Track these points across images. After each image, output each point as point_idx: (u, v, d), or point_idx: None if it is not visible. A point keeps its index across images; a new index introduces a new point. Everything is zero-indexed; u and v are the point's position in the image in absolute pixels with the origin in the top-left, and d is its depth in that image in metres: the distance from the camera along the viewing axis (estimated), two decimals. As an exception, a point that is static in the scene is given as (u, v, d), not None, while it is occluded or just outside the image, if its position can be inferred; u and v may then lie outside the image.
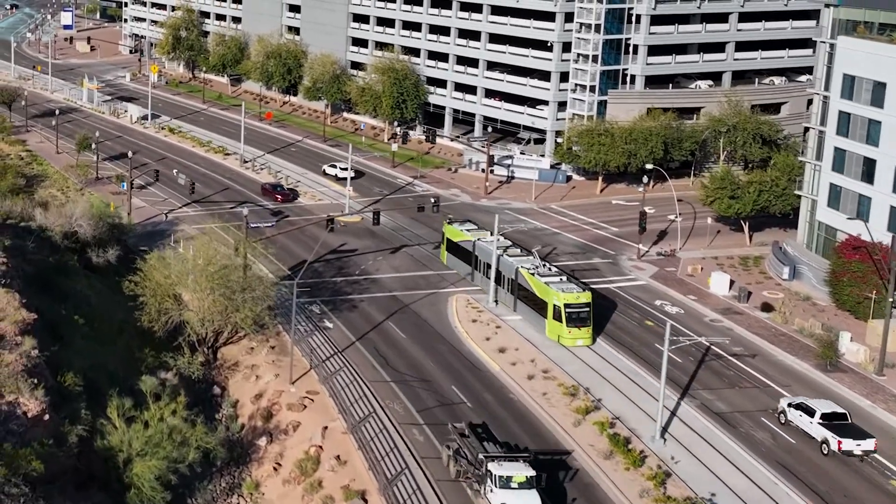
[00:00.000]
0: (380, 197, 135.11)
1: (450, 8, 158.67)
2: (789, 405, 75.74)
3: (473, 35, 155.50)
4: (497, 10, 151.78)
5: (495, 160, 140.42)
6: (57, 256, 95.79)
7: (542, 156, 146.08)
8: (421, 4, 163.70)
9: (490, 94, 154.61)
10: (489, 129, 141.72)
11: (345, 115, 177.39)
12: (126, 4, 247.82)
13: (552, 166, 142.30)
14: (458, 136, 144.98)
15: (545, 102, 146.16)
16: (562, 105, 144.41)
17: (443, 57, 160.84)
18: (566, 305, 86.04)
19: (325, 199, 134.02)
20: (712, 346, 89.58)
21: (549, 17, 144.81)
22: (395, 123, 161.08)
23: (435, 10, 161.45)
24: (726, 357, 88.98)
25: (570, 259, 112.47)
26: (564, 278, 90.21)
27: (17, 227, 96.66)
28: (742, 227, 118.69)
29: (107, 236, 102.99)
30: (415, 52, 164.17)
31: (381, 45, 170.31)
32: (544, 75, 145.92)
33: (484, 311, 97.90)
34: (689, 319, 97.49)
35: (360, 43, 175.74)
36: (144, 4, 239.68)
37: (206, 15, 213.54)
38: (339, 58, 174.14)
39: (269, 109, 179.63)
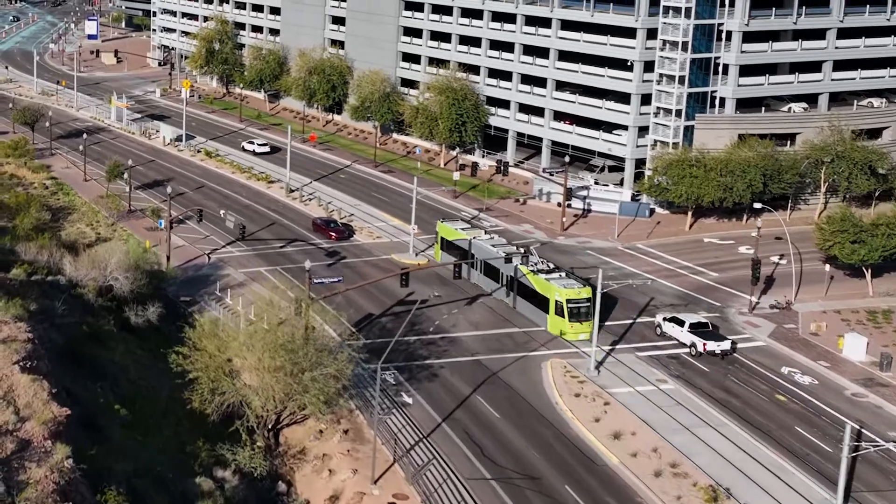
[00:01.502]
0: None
1: (513, 22, 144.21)
2: (663, 319, 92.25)
3: (541, 52, 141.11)
4: (568, 26, 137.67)
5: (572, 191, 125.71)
6: (90, 318, 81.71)
7: (620, 184, 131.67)
8: (480, 18, 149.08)
9: (559, 116, 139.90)
10: (568, 158, 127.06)
11: (394, 136, 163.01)
12: (154, 14, 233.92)
13: (633, 198, 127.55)
14: (544, 169, 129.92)
15: (623, 127, 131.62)
16: (642, 130, 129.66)
17: (505, 75, 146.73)
18: (568, 301, 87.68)
19: (384, 235, 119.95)
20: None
21: (628, 33, 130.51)
22: (457, 149, 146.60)
23: (497, 25, 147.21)
24: (882, 444, 73.98)
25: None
26: (564, 274, 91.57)
27: (44, 283, 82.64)
28: (861, 272, 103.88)
29: (146, 289, 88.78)
30: (473, 69, 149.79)
31: (435, 62, 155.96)
32: (622, 97, 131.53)
33: (586, 382, 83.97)
34: (826, 393, 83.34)
35: (412, 59, 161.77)
36: (174, 14, 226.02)
37: (240, 26, 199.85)
38: (388, 74, 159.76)
39: (313, 130, 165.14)
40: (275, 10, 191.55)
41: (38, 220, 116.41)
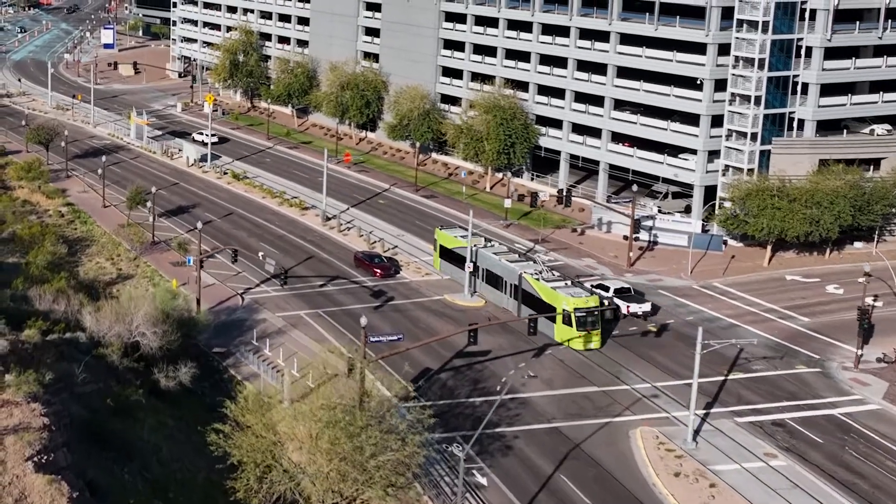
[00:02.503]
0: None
1: (566, 35, 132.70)
2: (592, 286, 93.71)
3: (597, 68, 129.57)
4: (629, 40, 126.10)
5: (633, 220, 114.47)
6: (114, 384, 70.58)
7: (685, 212, 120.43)
8: (529, 31, 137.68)
9: (617, 138, 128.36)
10: (636, 187, 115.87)
11: (434, 156, 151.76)
12: (174, 24, 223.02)
13: (704, 229, 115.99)
14: (610, 198, 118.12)
15: (691, 151, 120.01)
16: (712, 154, 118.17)
17: (557, 93, 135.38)
18: (576, 310, 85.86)
19: (433, 270, 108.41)
20: None
21: (697, 49, 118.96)
22: (503, 172, 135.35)
23: (548, 38, 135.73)
24: None
25: (767, 368, 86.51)
26: (569, 283, 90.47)
27: (62, 342, 71.44)
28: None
29: (176, 345, 77.52)
30: (521, 85, 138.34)
31: (478, 77, 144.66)
32: (690, 118, 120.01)
33: (684, 457, 72.89)
34: (965, 470, 71.17)
35: (453, 73, 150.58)
36: (195, 24, 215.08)
37: (266, 37, 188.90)
38: (428, 90, 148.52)
39: (347, 150, 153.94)
40: (303, 21, 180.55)
41: (53, 254, 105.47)
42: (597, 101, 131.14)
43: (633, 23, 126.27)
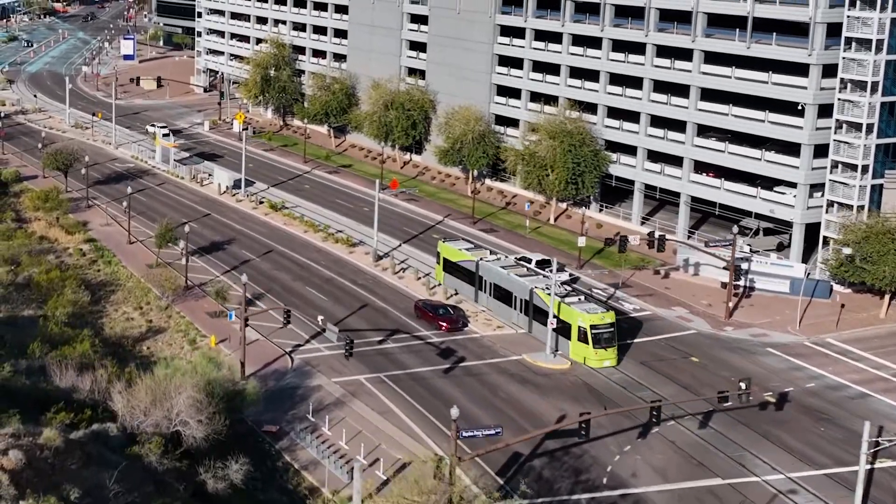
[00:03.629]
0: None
1: (641, 53, 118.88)
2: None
3: (678, 89, 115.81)
4: (715, 59, 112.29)
5: (721, 259, 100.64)
6: (152, 489, 57.25)
7: (778, 250, 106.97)
8: (598, 47, 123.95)
9: (701, 167, 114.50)
10: (737, 229, 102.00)
11: (487, 182, 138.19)
12: (198, 35, 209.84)
13: (808, 274, 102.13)
14: (708, 244, 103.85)
15: (789, 184, 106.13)
16: (814, 188, 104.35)
17: (630, 116, 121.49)
18: (592, 327, 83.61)
19: (506, 326, 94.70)
20: None
21: (797, 70, 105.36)
22: (584, 209, 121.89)
23: (619, 56, 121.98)
24: None
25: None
26: (583, 297, 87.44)
27: (89, 439, 58.07)
28: None
29: (225, 436, 64.14)
30: (589, 107, 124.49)
31: (539, 97, 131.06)
32: (789, 147, 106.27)
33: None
34: None
35: (509, 92, 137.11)
36: (222, 35, 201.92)
37: (299, 50, 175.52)
38: (481, 110, 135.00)
39: (393, 175, 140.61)
40: (340, 34, 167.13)
41: (74, 303, 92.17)
42: (677, 125, 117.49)
43: (721, 39, 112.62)
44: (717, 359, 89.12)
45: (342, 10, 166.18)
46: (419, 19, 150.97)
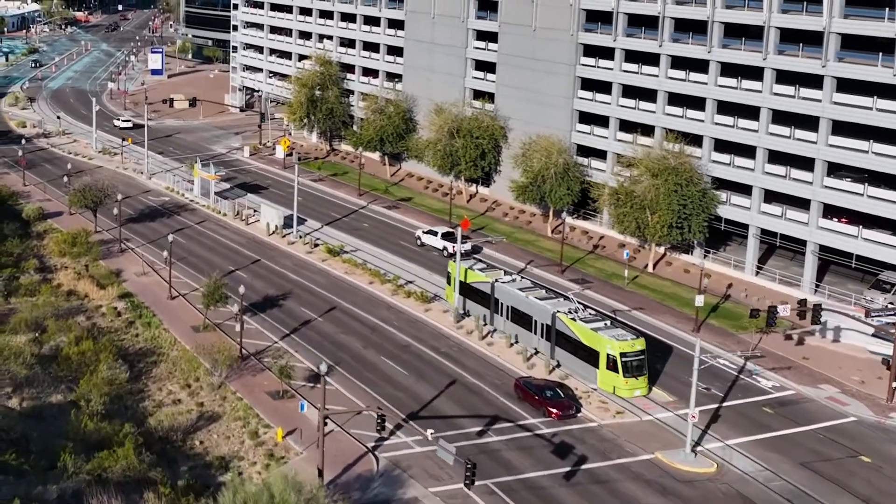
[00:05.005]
0: (716, 404, 79.79)
1: (758, 79, 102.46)
2: (422, 232, 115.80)
3: (803, 121, 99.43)
4: (850, 86, 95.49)
5: (874, 321, 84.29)
6: None
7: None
8: (704, 71, 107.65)
9: (831, 211, 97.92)
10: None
11: (569, 220, 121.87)
12: (234, 49, 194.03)
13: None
14: (871, 313, 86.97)
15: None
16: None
17: (744, 150, 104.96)
18: (622, 354, 79.37)
19: (625, 407, 78.25)
20: None
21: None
22: (702, 264, 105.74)
23: (729, 80, 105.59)
24: None
25: None
26: (609, 322, 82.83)
27: None
28: None
29: None
30: (692, 139, 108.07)
31: (630, 126, 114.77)
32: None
33: None
34: None
35: (593, 119, 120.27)
36: (260, 51, 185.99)
37: (347, 68, 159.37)
38: (561, 139, 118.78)
39: (462, 211, 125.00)
40: (395, 51, 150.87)
41: (110, 383, 76.19)
42: (802, 163, 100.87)
43: (858, 64, 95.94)
44: (892, 458, 72.51)
45: (397, 25, 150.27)
46: (487, 36, 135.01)
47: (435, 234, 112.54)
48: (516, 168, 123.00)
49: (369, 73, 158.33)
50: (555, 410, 78.30)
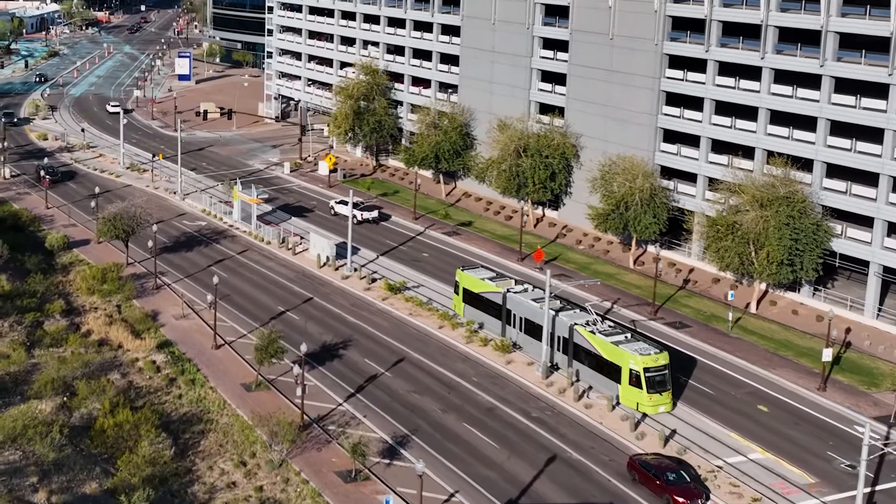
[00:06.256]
0: (868, 488, 67.28)
1: (881, 96, 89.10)
2: (335, 203, 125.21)
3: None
4: None
5: None
6: None
7: None
8: (816, 87, 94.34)
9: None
10: None
11: (650, 249, 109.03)
12: (269, 55, 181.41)
13: None
14: None
15: None
16: None
17: (863, 176, 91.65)
18: (646, 370, 75.51)
19: (764, 497, 65.42)
20: None
21: None
22: (797, 291, 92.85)
23: (846, 98, 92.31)
24: None
25: None
26: (630, 335, 79.03)
27: None
28: None
29: None
30: (801, 163, 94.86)
31: (726, 147, 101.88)
32: None
33: None
34: None
35: (680, 138, 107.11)
36: (297, 57, 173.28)
37: (395, 77, 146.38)
38: (644, 161, 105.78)
39: (533, 239, 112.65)
40: (449, 59, 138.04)
41: (153, 463, 63.63)
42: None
43: None
44: None
45: (451, 31, 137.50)
46: (555, 45, 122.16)
47: (345, 203, 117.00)
48: (594, 193, 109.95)
49: (419, 82, 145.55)
50: (681, 499, 65.26)
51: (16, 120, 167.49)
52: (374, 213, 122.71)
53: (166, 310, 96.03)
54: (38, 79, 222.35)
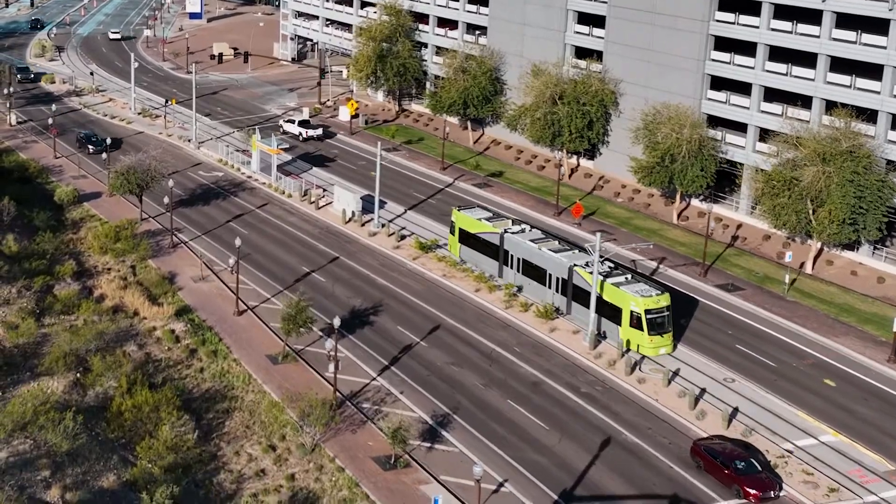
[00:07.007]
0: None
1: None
2: (283, 121, 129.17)
3: None
4: None
5: None
6: None
7: None
8: (884, 32, 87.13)
9: None
10: None
11: (694, 203, 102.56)
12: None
13: None
14: None
15: None
16: None
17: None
18: (647, 311, 74.26)
19: (841, 486, 59.47)
20: None
21: None
22: (856, 251, 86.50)
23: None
24: None
25: None
26: (630, 276, 77.37)
27: None
28: None
29: None
30: (865, 114, 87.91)
31: (780, 95, 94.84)
32: None
33: None
34: None
35: (728, 85, 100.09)
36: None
37: (419, 18, 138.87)
38: (690, 109, 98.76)
39: (569, 192, 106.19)
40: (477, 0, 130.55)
41: (176, 447, 57.74)
42: None
43: None
44: None
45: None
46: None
47: (293, 122, 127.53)
48: (636, 143, 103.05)
49: (446, 23, 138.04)
50: (753, 491, 59.41)
51: (32, 76, 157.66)
52: (319, 131, 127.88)
53: (184, 271, 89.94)
54: (32, 23, 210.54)
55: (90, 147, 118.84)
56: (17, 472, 55.07)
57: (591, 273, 77.04)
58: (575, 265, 79.90)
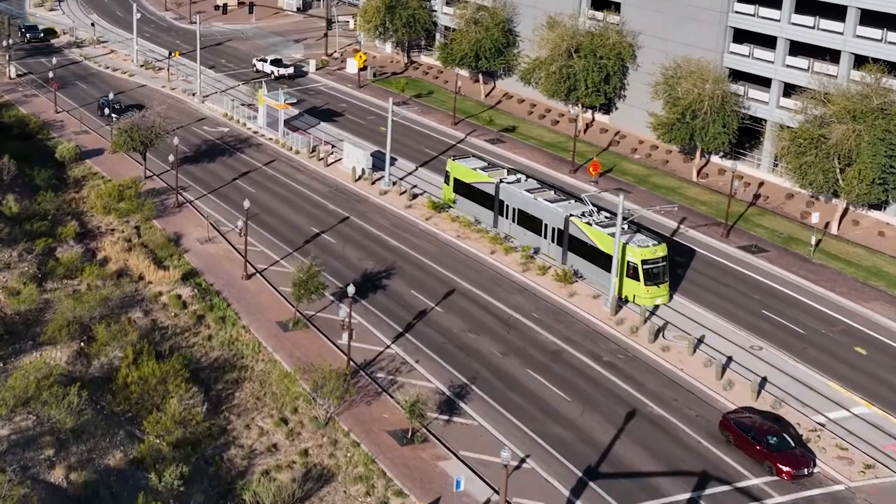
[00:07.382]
0: None
1: None
2: (257, 60, 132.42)
3: None
4: None
5: None
6: None
7: None
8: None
9: None
10: None
11: (714, 160, 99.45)
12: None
13: None
14: None
15: None
16: None
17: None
18: (643, 262, 73.98)
19: (877, 462, 57.39)
20: None
21: None
22: (883, 210, 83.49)
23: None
24: None
25: None
26: (627, 227, 75.36)
27: None
28: None
29: None
30: (893, 68, 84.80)
31: (805, 49, 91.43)
32: None
33: None
34: None
35: (751, 38, 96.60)
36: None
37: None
38: (712, 63, 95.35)
39: (584, 148, 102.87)
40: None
41: (184, 421, 55.25)
42: None
43: None
44: None
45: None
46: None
47: (265, 61, 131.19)
48: (656, 99, 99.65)
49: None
50: (786, 468, 56.84)
51: (41, 34, 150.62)
52: (290, 70, 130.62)
53: (189, 232, 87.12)
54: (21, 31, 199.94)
55: (114, 115, 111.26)
56: (19, 452, 52.55)
57: (587, 224, 77.10)
58: (571, 215, 79.01)
